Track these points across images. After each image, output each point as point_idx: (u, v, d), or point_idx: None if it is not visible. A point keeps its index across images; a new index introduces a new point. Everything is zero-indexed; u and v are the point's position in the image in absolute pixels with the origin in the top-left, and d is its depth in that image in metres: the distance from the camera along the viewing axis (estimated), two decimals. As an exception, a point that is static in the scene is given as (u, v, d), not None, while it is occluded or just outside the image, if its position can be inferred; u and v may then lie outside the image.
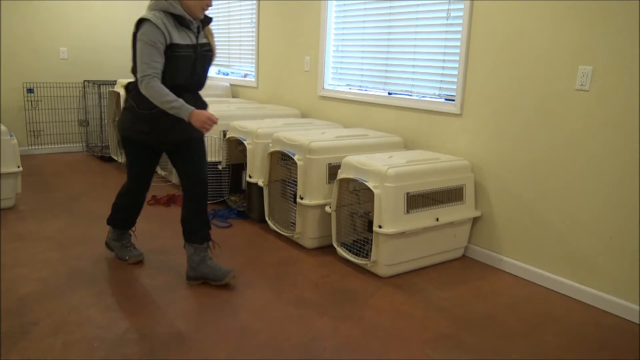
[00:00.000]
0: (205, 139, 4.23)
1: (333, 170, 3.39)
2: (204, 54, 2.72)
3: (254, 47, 5.57)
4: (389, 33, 4.00)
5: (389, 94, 4.10)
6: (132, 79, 2.75)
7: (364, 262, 3.12)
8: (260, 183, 3.75)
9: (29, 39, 5.86)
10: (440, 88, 3.66)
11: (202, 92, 2.83)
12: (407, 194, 3.03)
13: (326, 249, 3.48)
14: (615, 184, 2.75)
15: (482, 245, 3.45)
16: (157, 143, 2.79)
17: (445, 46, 3.59)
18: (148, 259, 3.21)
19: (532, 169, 3.11)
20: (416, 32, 3.79)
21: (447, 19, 3.55)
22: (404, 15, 3.86)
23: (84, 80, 6.18)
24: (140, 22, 2.54)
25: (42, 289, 2.74)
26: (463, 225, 3.36)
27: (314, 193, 3.37)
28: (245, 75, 5.89)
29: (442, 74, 3.63)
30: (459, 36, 3.46)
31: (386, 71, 4.08)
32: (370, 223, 3.05)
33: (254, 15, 5.50)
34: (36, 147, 6.05)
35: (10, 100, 5.84)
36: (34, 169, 5.29)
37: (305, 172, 3.37)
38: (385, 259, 3.02)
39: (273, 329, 2.46)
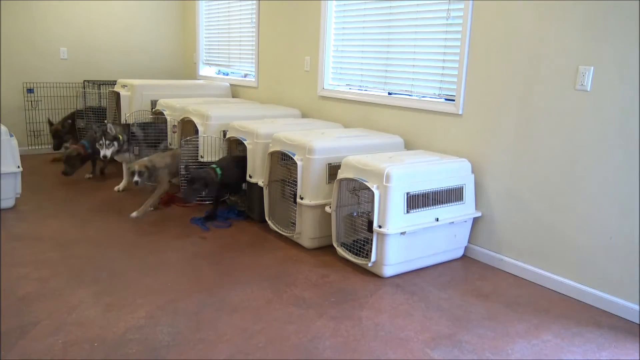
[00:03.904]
0: (203, 138, 4.24)
1: (333, 170, 3.39)
2: None
3: (254, 47, 5.57)
4: (389, 33, 4.00)
5: (389, 94, 4.10)
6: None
7: (363, 262, 3.12)
8: (260, 183, 3.75)
9: (29, 39, 5.86)
10: (440, 88, 3.66)
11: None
12: (407, 194, 3.03)
13: (326, 249, 3.48)
14: (616, 184, 2.75)
15: (482, 245, 3.45)
16: None
17: (445, 46, 3.59)
18: (148, 259, 3.21)
19: (532, 169, 3.11)
20: (416, 32, 3.79)
21: (447, 19, 3.55)
22: (404, 15, 3.86)
23: (84, 80, 6.17)
24: None
25: (42, 289, 2.74)
26: (463, 225, 3.36)
27: (314, 193, 3.37)
28: (245, 75, 5.89)
29: (442, 74, 3.63)
30: (459, 36, 3.46)
31: (386, 71, 4.08)
32: (370, 223, 3.05)
33: (254, 15, 5.50)
34: (36, 147, 6.05)
35: (10, 100, 5.84)
36: (34, 169, 5.28)
37: (305, 172, 3.37)
38: (385, 258, 3.02)
39: (273, 329, 2.46)
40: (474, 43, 3.37)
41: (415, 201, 3.07)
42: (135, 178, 3.93)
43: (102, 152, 4.38)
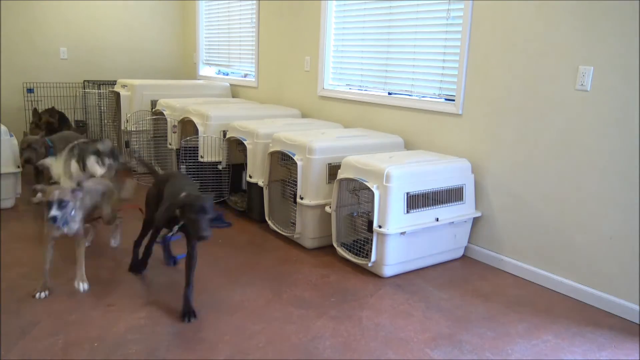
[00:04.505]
0: (203, 138, 4.24)
1: (333, 170, 3.39)
2: None
3: (254, 47, 5.57)
4: (389, 33, 4.00)
5: (389, 93, 4.10)
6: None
7: (364, 262, 3.12)
8: (260, 183, 3.75)
9: (29, 39, 5.86)
10: (440, 88, 3.66)
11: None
12: (407, 194, 3.03)
13: (326, 249, 3.48)
14: (615, 184, 2.75)
15: (482, 245, 3.45)
16: None
17: (445, 46, 3.59)
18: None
19: (532, 169, 3.11)
20: (416, 32, 3.79)
21: (447, 19, 3.55)
22: (404, 15, 3.86)
23: (84, 80, 6.17)
24: None
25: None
26: (463, 225, 3.36)
27: (314, 193, 3.37)
28: (245, 75, 5.89)
29: (442, 74, 3.63)
30: (459, 36, 3.46)
31: (386, 71, 4.08)
32: (370, 223, 3.05)
33: (254, 15, 5.50)
34: (36, 147, 6.04)
35: (10, 100, 5.84)
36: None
37: (305, 172, 3.37)
38: (385, 258, 3.02)
39: (273, 329, 2.46)
40: (474, 43, 3.37)
41: (415, 201, 3.07)
42: (54, 212, 2.45)
43: (99, 170, 3.52)
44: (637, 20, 2.60)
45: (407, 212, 3.03)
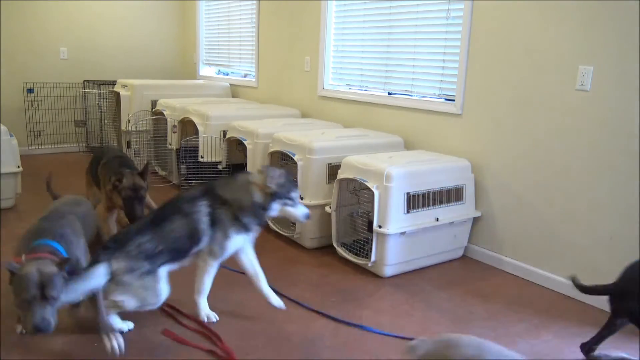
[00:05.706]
0: (203, 138, 4.24)
1: (333, 170, 3.39)
2: None
3: (254, 47, 5.57)
4: (389, 33, 4.00)
5: (389, 93, 4.10)
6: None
7: (364, 262, 3.12)
8: (260, 183, 3.75)
9: (29, 39, 5.86)
10: (440, 88, 3.66)
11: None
12: (407, 194, 3.03)
13: (326, 249, 3.48)
14: (615, 184, 2.75)
15: (482, 245, 3.45)
16: None
17: (445, 46, 3.59)
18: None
19: (532, 168, 3.11)
20: (416, 32, 3.79)
21: (447, 19, 3.55)
22: (404, 15, 3.86)
23: (84, 80, 6.17)
24: None
25: (42, 289, 2.74)
26: (463, 225, 3.36)
27: (314, 193, 3.37)
28: (245, 75, 5.89)
29: (442, 74, 3.63)
30: (459, 36, 3.46)
31: (386, 71, 4.08)
32: (370, 223, 3.05)
33: (254, 15, 5.50)
34: (36, 147, 6.05)
35: (10, 100, 5.84)
36: (34, 169, 5.28)
37: (305, 172, 3.37)
38: (385, 258, 3.02)
39: (273, 329, 2.46)
40: (474, 43, 3.37)
41: (415, 201, 3.07)
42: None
43: None
44: (637, 20, 2.60)
45: (407, 212, 3.03)
